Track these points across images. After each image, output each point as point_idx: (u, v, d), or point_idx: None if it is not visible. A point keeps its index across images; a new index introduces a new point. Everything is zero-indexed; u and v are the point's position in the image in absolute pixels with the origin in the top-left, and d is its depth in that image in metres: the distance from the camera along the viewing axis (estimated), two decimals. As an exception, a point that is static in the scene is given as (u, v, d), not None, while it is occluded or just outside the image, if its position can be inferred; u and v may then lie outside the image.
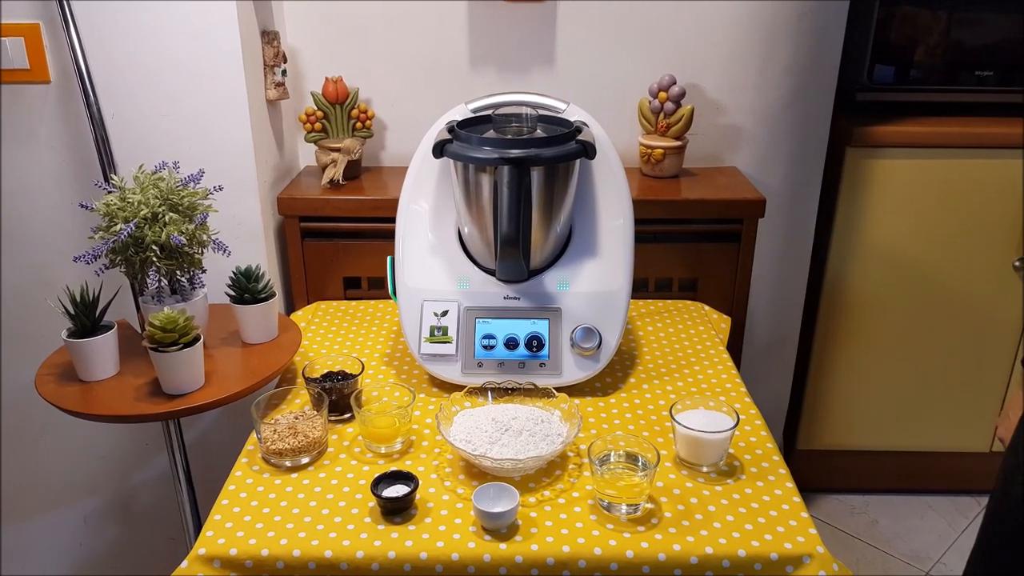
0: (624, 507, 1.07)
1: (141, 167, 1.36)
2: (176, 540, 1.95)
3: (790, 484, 1.14)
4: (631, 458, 1.12)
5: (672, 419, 1.17)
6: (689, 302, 1.71)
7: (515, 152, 1.24)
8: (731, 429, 1.15)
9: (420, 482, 1.11)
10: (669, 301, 1.71)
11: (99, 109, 1.55)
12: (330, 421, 1.29)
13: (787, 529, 1.05)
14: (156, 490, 1.92)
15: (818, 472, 2.31)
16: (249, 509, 1.10)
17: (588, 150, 1.29)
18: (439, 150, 1.30)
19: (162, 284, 1.37)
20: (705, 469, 1.17)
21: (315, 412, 1.25)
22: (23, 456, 1.87)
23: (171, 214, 1.31)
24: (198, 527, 1.54)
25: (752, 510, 1.09)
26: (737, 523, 1.06)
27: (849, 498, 2.33)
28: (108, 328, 1.32)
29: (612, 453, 1.13)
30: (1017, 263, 1.96)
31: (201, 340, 1.27)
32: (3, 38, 1.52)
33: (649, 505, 1.09)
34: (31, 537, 1.95)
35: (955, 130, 1.89)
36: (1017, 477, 0.98)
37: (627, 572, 1.02)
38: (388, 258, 1.44)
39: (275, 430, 1.20)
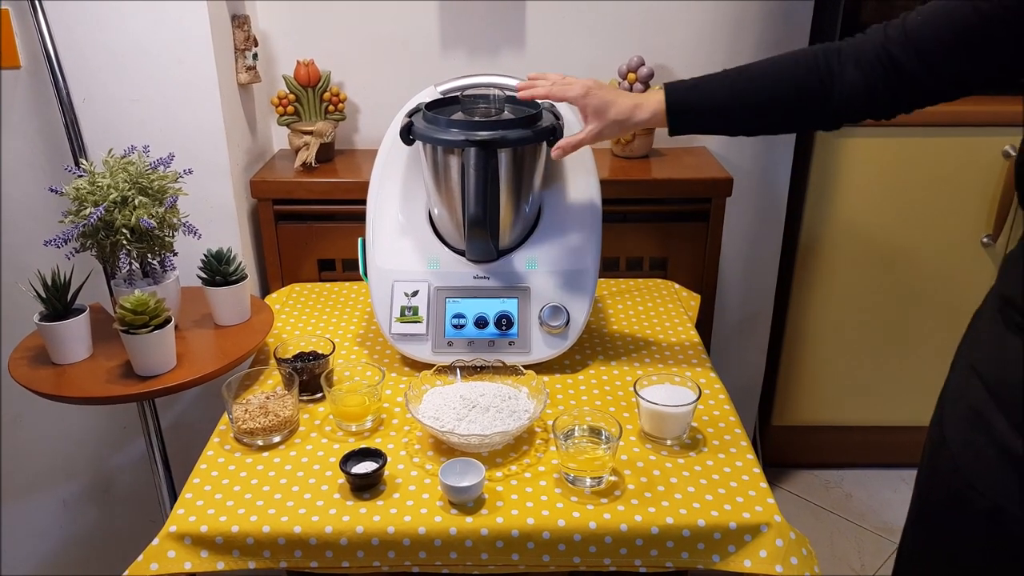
0: (588, 480, 1.10)
1: (110, 151, 1.36)
2: (156, 522, 1.95)
3: (751, 456, 1.17)
4: (595, 432, 1.14)
5: (636, 394, 1.19)
6: (659, 280, 1.73)
7: (482, 134, 1.25)
8: (693, 403, 1.17)
9: (388, 459, 1.13)
10: (639, 279, 1.73)
11: (69, 94, 1.55)
12: (301, 400, 1.30)
13: (746, 500, 1.08)
14: (135, 473, 1.93)
15: (793, 447, 2.34)
16: (220, 487, 1.12)
17: (556, 131, 1.31)
18: (406, 134, 1.31)
19: (133, 267, 1.38)
20: (668, 442, 1.19)
21: (286, 392, 1.27)
22: (1, 441, 1.87)
23: (140, 197, 1.31)
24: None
25: (713, 482, 1.11)
26: (698, 494, 1.09)
27: (823, 473, 2.37)
28: (80, 311, 1.33)
29: (576, 428, 1.15)
30: (986, 239, 1.99)
31: (172, 322, 1.28)
32: (-29, 23, 1.52)
33: (612, 478, 1.11)
34: (10, 522, 1.97)
35: (926, 108, 1.90)
36: (944, 452, 0.99)
37: (590, 542, 1.04)
38: (359, 240, 1.46)
39: (247, 410, 1.22)
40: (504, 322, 1.36)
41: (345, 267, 1.81)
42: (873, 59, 1.04)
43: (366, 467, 1.12)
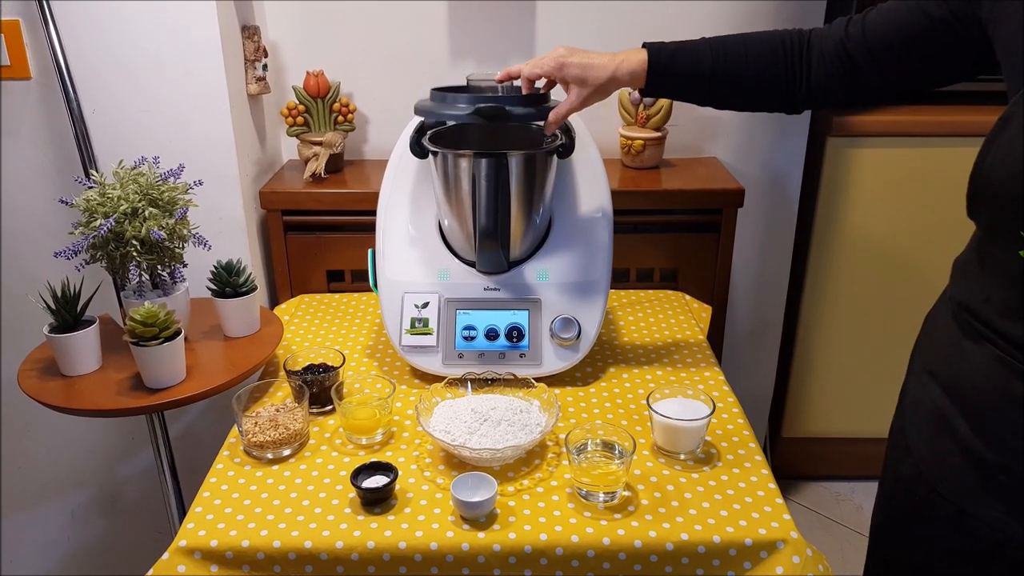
0: (601, 495, 1.09)
1: (121, 162, 1.36)
2: (163, 533, 1.96)
3: (765, 471, 1.16)
4: (608, 446, 1.13)
5: (649, 408, 1.18)
6: (670, 292, 1.72)
7: (493, 144, 1.25)
8: (707, 417, 1.16)
9: (399, 473, 1.12)
10: (650, 291, 1.72)
11: (79, 105, 1.55)
12: (311, 413, 1.30)
13: (762, 515, 1.07)
14: (143, 484, 1.93)
15: (803, 459, 2.33)
16: (230, 501, 1.11)
17: (568, 142, 1.31)
18: (417, 147, 1.31)
19: (143, 279, 1.38)
20: (682, 457, 1.18)
21: (296, 404, 1.26)
22: (9, 452, 1.87)
23: (151, 209, 1.31)
24: (184, 520, 1.55)
25: (728, 497, 1.10)
26: (713, 510, 1.08)
27: (834, 485, 2.35)
28: (90, 323, 1.33)
29: (589, 442, 1.14)
30: (997, 250, 1.98)
31: (182, 334, 1.27)
32: (-18, 34, 1.52)
33: (626, 493, 1.10)
34: (19, 532, 1.96)
35: (936, 119, 1.90)
36: (907, 458, 1.02)
37: (604, 559, 1.03)
38: (369, 251, 1.45)
39: (256, 423, 1.21)
40: (515, 334, 1.35)
41: (354, 278, 1.81)
42: (833, 54, 1.08)
43: (377, 481, 1.11)
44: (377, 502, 1.09)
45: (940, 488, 0.96)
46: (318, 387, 1.29)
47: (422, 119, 1.37)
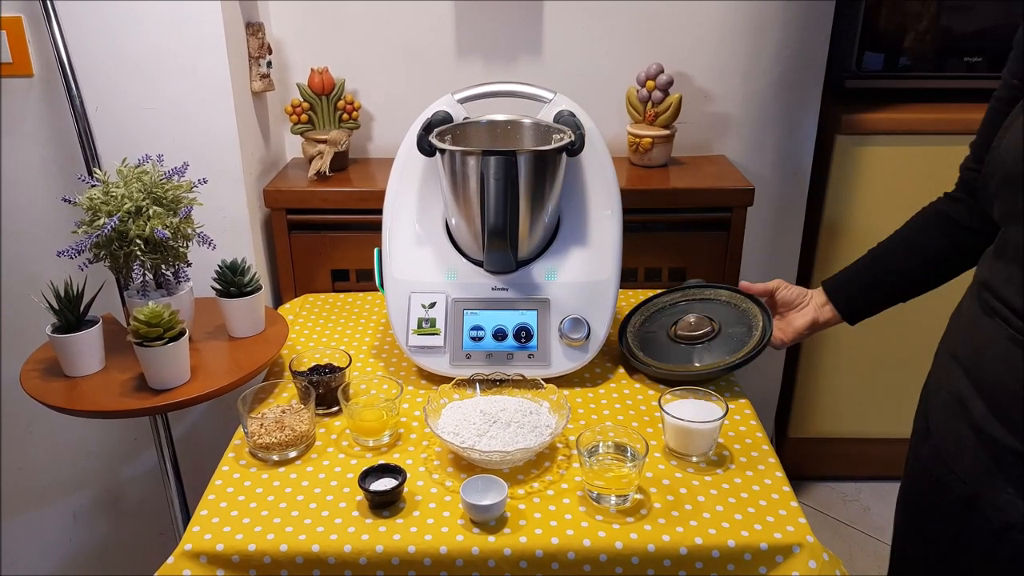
0: (613, 498, 1.07)
1: (124, 160, 1.34)
2: (166, 535, 1.95)
3: (779, 473, 1.14)
4: (620, 449, 1.11)
5: (661, 409, 1.16)
6: (679, 291, 1.70)
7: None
8: (720, 419, 1.14)
9: (408, 475, 1.11)
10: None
11: (82, 102, 1.53)
12: (318, 414, 1.28)
13: (776, 519, 1.05)
14: (145, 485, 1.91)
15: (810, 460, 2.31)
16: (236, 504, 1.10)
17: (576, 140, 1.29)
18: (425, 144, 1.30)
19: (147, 278, 1.36)
20: (694, 459, 1.16)
21: (302, 406, 1.24)
22: (11, 453, 1.85)
23: (155, 208, 1.29)
24: (187, 522, 1.52)
25: (741, 500, 1.09)
26: (726, 513, 1.06)
27: (842, 486, 2.33)
28: (93, 323, 1.31)
29: (601, 444, 1.12)
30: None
31: (186, 334, 1.26)
32: (-16, 31, 1.50)
33: (638, 496, 1.08)
34: (20, 534, 1.95)
35: (944, 116, 1.89)
36: (927, 440, 1.03)
37: (617, 563, 1.01)
38: (375, 250, 1.43)
39: (262, 424, 1.19)
40: (523, 334, 1.34)
41: (359, 277, 1.79)
42: (971, 183, 1.13)
43: (385, 484, 1.09)
44: (385, 505, 1.08)
45: (955, 468, 0.97)
46: (324, 388, 1.27)
47: (429, 117, 1.36)
